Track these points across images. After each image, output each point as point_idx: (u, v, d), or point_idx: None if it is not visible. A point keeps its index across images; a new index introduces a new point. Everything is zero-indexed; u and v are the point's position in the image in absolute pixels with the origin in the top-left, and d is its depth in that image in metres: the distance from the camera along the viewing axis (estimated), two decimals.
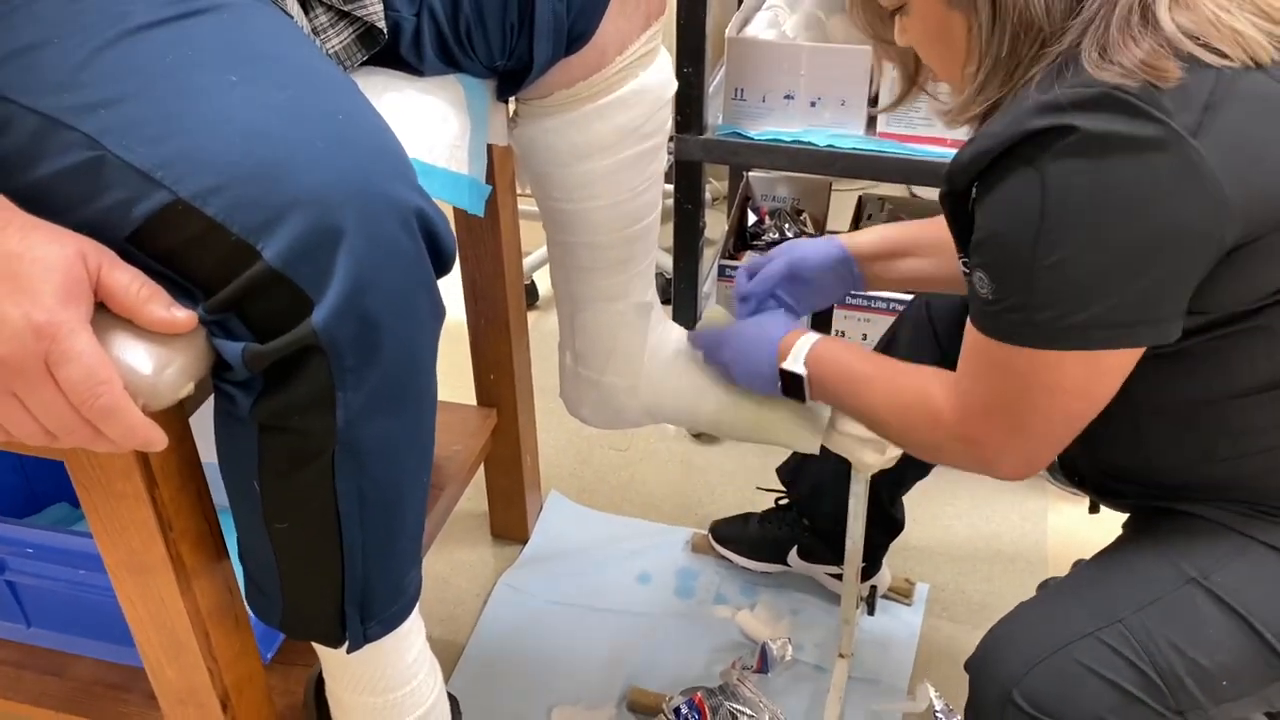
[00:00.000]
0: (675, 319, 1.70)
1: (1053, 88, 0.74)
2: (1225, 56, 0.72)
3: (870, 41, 0.96)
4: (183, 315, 0.65)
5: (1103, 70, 0.72)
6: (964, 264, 0.84)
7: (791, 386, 1.05)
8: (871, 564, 1.42)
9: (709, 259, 1.89)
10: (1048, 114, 0.73)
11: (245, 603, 0.90)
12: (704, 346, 1.15)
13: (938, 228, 1.10)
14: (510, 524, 1.60)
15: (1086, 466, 1.00)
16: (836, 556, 1.34)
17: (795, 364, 1.03)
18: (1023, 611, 0.91)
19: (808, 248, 1.16)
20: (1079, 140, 0.72)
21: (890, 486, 1.33)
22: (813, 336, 1.05)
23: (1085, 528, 1.11)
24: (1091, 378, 0.79)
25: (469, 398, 1.46)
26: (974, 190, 0.81)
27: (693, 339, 1.18)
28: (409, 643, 0.95)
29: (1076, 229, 0.73)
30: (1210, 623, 0.83)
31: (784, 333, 1.06)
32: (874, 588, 1.44)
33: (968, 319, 0.84)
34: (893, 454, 1.10)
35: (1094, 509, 1.07)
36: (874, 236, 1.15)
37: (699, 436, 1.82)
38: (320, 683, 1.03)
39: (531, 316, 1.71)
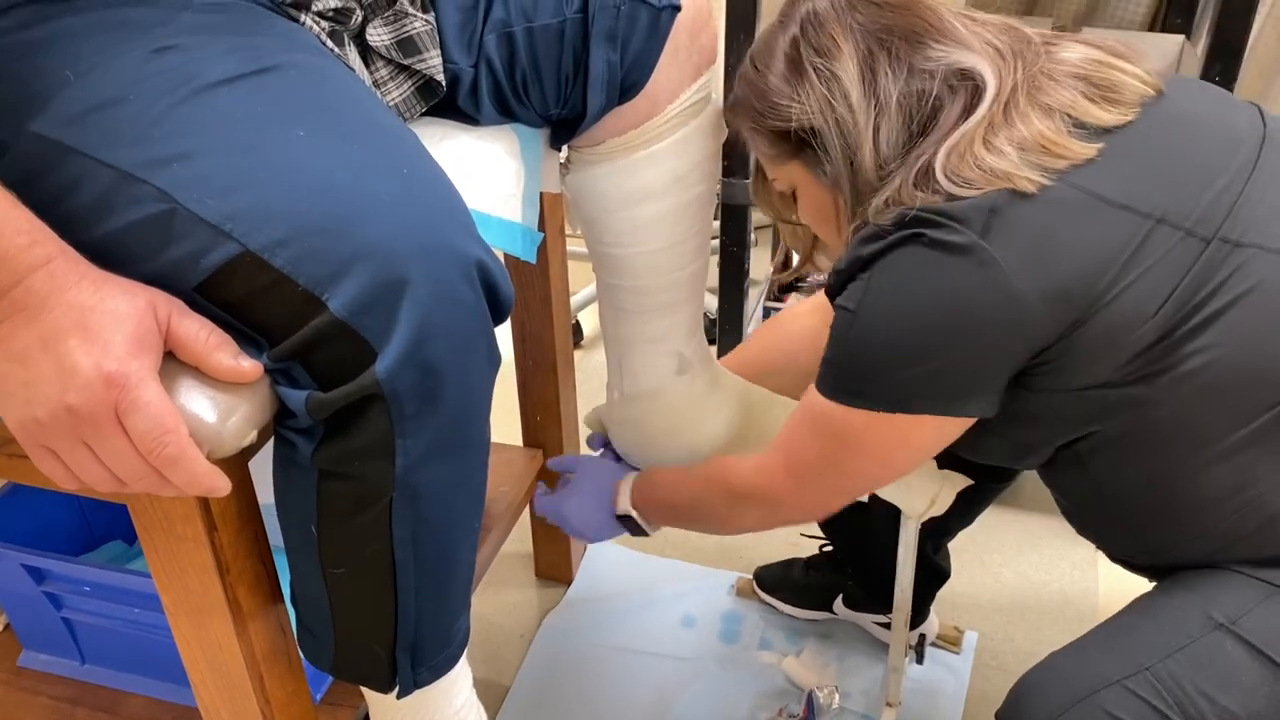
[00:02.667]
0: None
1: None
2: (982, 190, 0.80)
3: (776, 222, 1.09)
4: (249, 365, 0.67)
5: (884, 214, 0.84)
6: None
7: (633, 527, 1.14)
8: (918, 613, 1.40)
9: (754, 299, 1.89)
10: (868, 243, 0.84)
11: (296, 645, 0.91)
12: (547, 510, 1.23)
13: (789, 345, 1.25)
14: (555, 565, 1.60)
15: (1123, 553, 0.99)
16: (883, 605, 1.32)
17: (624, 506, 1.13)
18: (1052, 659, 0.90)
19: None
20: (891, 246, 0.82)
21: (934, 536, 1.31)
22: (631, 475, 1.16)
23: (1136, 576, 1.08)
24: (894, 446, 0.88)
25: (515, 438, 1.47)
26: None
27: (539, 502, 1.25)
28: (457, 688, 0.95)
29: (885, 316, 0.82)
30: (1241, 669, 0.81)
31: (618, 478, 1.16)
32: (923, 636, 1.42)
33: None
34: (944, 499, 1.09)
35: None
36: (733, 366, 1.26)
37: None
38: None
39: (576, 356, 1.72)
